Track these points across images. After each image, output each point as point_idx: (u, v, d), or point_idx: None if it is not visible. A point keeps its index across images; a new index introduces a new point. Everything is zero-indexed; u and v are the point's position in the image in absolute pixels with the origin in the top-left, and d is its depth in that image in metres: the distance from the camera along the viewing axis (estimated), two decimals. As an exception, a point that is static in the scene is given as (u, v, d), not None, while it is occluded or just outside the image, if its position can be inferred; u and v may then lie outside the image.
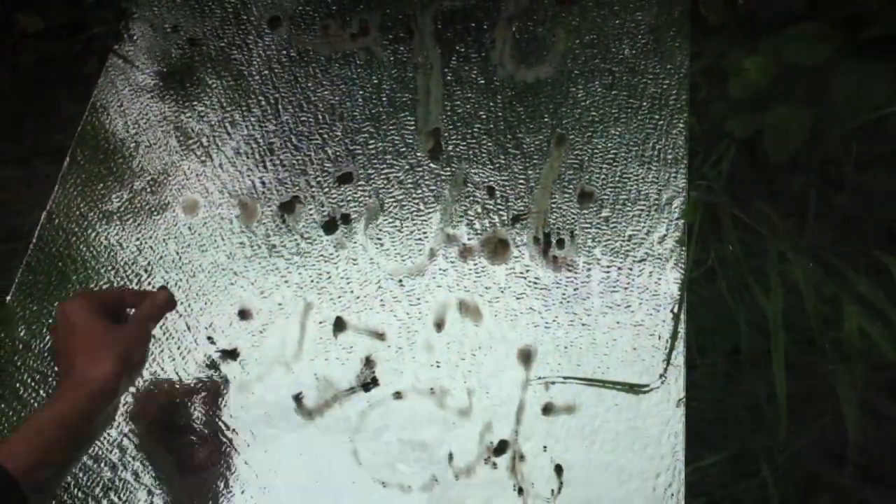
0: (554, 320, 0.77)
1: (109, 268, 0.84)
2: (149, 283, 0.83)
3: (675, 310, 0.75)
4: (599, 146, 0.84)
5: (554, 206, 0.82)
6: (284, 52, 0.95)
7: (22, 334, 0.82)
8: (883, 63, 0.67)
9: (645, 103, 0.86)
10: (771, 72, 0.75)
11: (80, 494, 0.74)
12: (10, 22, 0.93)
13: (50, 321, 0.82)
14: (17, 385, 0.79)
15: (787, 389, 0.70)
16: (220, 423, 0.76)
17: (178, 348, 0.79)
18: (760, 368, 0.68)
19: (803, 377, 0.68)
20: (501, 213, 0.83)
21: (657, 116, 0.85)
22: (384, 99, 0.91)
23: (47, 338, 0.81)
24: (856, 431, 0.63)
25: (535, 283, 0.79)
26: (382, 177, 0.86)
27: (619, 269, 0.78)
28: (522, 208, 0.83)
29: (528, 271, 0.79)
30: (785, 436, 0.66)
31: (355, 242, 0.83)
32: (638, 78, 0.87)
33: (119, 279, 0.83)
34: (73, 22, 1.00)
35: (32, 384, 0.79)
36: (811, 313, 0.67)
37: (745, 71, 0.76)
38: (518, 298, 0.78)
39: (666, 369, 0.73)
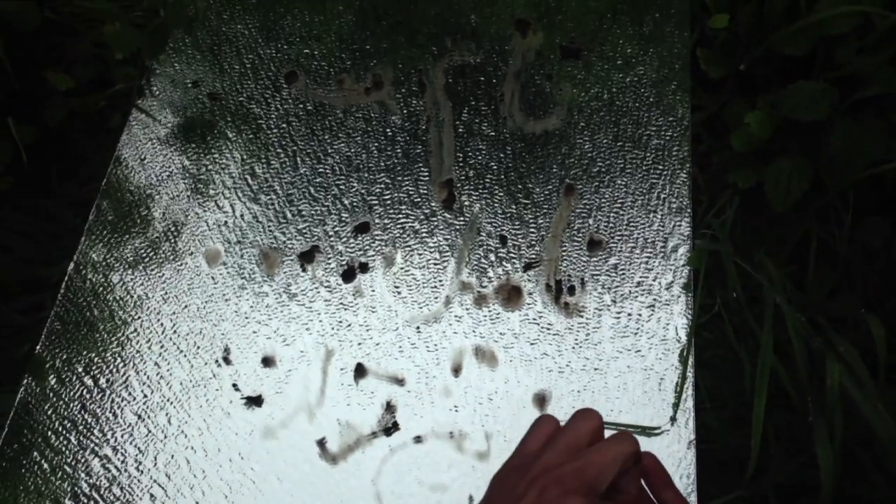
0: (567, 365, 0.80)
1: (135, 317, 0.87)
2: (174, 332, 0.86)
3: (684, 354, 0.78)
4: (607, 196, 0.88)
5: (564, 253, 0.86)
6: (301, 105, 0.99)
7: (52, 383, 0.84)
8: (878, 121, 0.71)
9: (649, 154, 0.90)
10: (770, 126, 0.79)
11: (111, 540, 0.77)
12: (40, 79, 0.96)
13: (80, 370, 0.85)
14: (49, 433, 0.82)
15: (796, 431, 0.74)
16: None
17: (205, 395, 0.82)
18: (767, 410, 0.71)
19: (791, 423, 0.72)
20: (514, 261, 0.86)
21: (661, 167, 0.89)
22: (398, 151, 0.94)
23: (77, 386, 0.84)
24: (828, 482, 0.66)
25: (548, 329, 0.82)
26: (398, 226, 0.90)
27: (629, 314, 0.82)
28: (534, 256, 0.86)
29: (541, 317, 0.83)
30: (757, 480, 0.70)
31: (374, 291, 0.86)
32: (642, 130, 0.91)
33: (145, 329, 0.86)
34: (99, 78, 1.04)
35: (63, 432, 0.82)
36: (799, 366, 0.71)
37: (745, 125, 0.80)
38: (532, 344, 0.81)
39: (676, 412, 0.76)
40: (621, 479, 0.49)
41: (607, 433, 0.75)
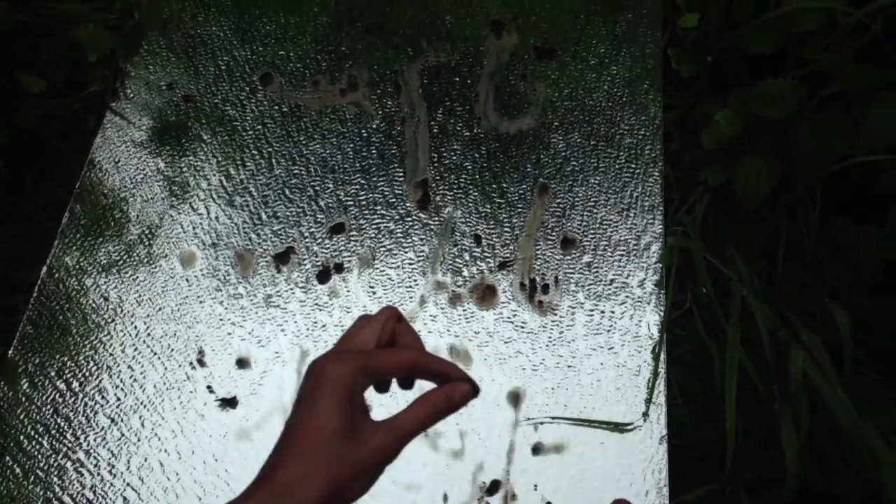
0: (541, 363, 0.80)
1: (109, 320, 0.87)
2: (148, 334, 0.85)
3: (656, 350, 0.79)
4: (580, 194, 0.89)
5: (538, 252, 0.86)
6: (277, 107, 0.99)
7: (25, 387, 0.84)
8: (843, 117, 0.71)
9: (622, 153, 0.90)
10: (740, 124, 0.80)
11: (84, 543, 0.76)
12: (13, 81, 0.96)
13: (52, 374, 0.84)
14: (21, 437, 0.81)
15: (765, 424, 0.74)
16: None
17: (179, 398, 0.82)
18: (737, 404, 0.72)
19: (760, 413, 0.73)
20: (488, 260, 0.86)
21: (634, 165, 0.89)
22: (374, 152, 0.94)
23: (49, 390, 0.83)
24: (794, 469, 0.67)
25: (523, 327, 0.82)
26: (373, 227, 0.90)
27: (602, 312, 0.82)
28: (508, 255, 0.86)
29: (515, 316, 0.83)
30: (729, 473, 0.70)
31: (349, 291, 0.86)
32: (615, 129, 0.92)
33: (119, 332, 0.86)
34: (73, 80, 1.04)
35: (35, 436, 0.81)
36: (767, 355, 0.71)
37: (715, 123, 0.81)
38: (506, 342, 0.82)
39: (648, 408, 0.77)
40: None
41: (580, 430, 0.76)
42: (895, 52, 0.71)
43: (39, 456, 0.80)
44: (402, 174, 0.93)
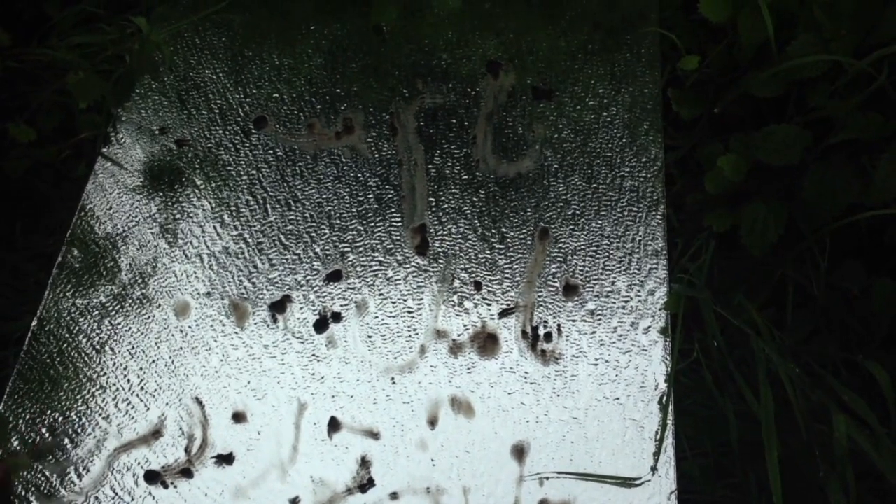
0: (545, 415, 0.78)
1: (101, 373, 0.85)
2: (142, 388, 0.83)
3: (664, 401, 0.77)
4: (581, 239, 0.87)
5: (540, 299, 0.84)
6: (271, 151, 0.97)
7: (15, 444, 0.82)
8: (850, 165, 0.70)
9: (623, 196, 0.89)
10: (743, 170, 0.79)
11: None
12: (2, 130, 0.94)
13: (43, 430, 0.82)
14: (11, 498, 0.79)
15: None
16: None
17: (174, 454, 0.80)
18: (751, 460, 0.70)
19: (795, 477, 0.70)
20: (489, 307, 0.85)
21: (636, 209, 0.88)
22: (370, 196, 0.93)
23: (41, 447, 0.81)
24: None
25: (525, 377, 0.80)
26: (371, 274, 0.88)
27: (607, 361, 0.80)
28: (509, 302, 0.85)
29: (517, 366, 0.81)
30: None
31: (347, 341, 0.85)
32: (615, 171, 0.91)
33: (111, 385, 0.84)
34: (63, 127, 1.02)
35: (27, 496, 0.79)
36: (799, 418, 0.69)
37: (718, 168, 0.80)
38: (509, 394, 0.80)
39: (657, 462, 0.75)
40: None
41: (587, 485, 0.74)
42: (903, 100, 0.71)
43: (29, 518, 0.78)
44: (399, 219, 0.91)
